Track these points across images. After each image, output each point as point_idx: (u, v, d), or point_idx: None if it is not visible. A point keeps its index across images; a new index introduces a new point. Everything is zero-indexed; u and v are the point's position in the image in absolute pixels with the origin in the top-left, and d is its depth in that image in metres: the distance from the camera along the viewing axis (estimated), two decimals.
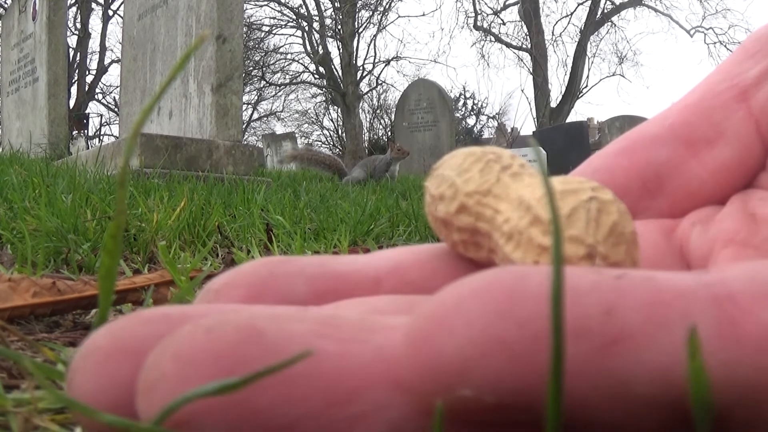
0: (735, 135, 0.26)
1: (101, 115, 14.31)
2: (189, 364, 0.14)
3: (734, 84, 0.26)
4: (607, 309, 0.13)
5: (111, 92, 14.18)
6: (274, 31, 14.11)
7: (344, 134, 12.91)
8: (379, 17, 13.75)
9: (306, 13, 13.69)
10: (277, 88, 14.88)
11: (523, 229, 0.20)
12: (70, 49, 12.29)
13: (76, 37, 13.08)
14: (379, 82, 14.02)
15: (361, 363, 0.15)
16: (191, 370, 0.14)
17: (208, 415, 0.14)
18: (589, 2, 13.15)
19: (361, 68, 13.50)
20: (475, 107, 14.30)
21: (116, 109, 12.86)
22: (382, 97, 14.16)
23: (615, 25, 13.76)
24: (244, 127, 10.63)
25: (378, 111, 13.75)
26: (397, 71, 27.50)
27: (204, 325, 0.15)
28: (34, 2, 4.24)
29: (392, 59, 14.15)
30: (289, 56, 14.36)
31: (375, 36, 14.77)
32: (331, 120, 15.46)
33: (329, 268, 0.23)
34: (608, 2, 13.24)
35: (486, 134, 14.21)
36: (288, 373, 0.14)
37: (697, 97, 0.27)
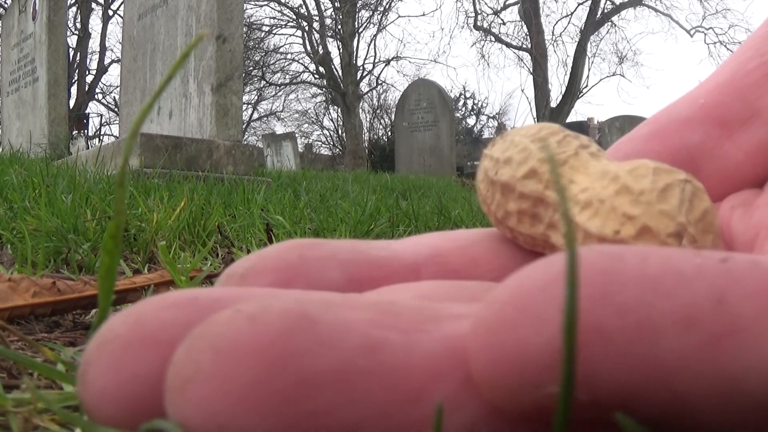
0: None
1: (101, 115, 14.31)
2: (231, 357, 0.12)
3: (765, 61, 0.25)
4: (718, 297, 0.12)
5: (111, 92, 14.19)
6: (274, 31, 14.11)
7: (344, 134, 12.90)
8: (379, 17, 13.76)
9: (306, 13, 13.68)
10: (277, 88, 14.88)
11: (606, 198, 0.19)
12: (70, 49, 12.29)
13: (76, 37, 13.08)
14: (379, 82, 14.01)
15: (429, 357, 0.13)
16: (234, 364, 0.12)
17: (256, 416, 0.12)
18: (589, 2, 13.15)
19: (361, 68, 13.49)
20: (475, 107, 14.29)
21: (116, 109, 12.86)
22: (382, 97, 14.15)
23: (615, 25, 13.77)
24: (244, 127, 10.62)
25: (378, 111, 13.73)
26: (397, 71, 27.51)
27: (246, 312, 0.13)
28: (34, 2, 4.24)
29: (392, 59, 14.16)
30: (289, 56, 14.36)
31: (375, 36, 14.82)
32: (331, 120, 15.47)
33: (363, 253, 0.21)
34: (608, 2, 13.24)
35: (486, 134, 14.20)
36: (347, 369, 0.12)
37: (728, 75, 0.26)
